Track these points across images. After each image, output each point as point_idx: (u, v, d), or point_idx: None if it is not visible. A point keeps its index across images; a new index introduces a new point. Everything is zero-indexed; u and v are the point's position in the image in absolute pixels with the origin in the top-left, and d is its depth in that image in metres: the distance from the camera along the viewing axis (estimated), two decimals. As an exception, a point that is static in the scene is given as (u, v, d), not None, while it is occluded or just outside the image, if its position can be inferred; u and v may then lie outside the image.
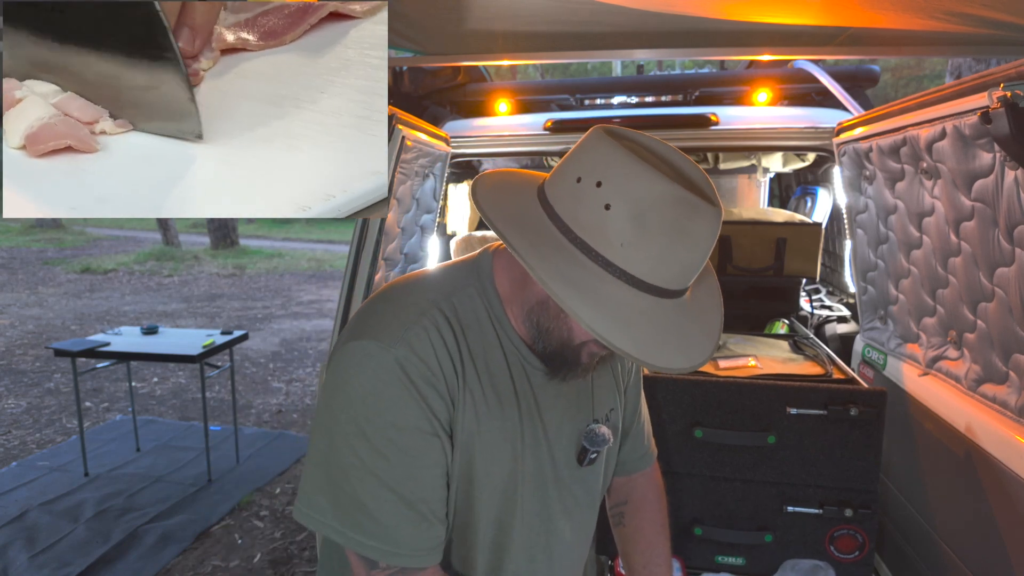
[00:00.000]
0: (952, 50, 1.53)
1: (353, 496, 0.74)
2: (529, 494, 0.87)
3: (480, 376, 0.81)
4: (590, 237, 0.69)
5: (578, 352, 0.80)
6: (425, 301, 0.80)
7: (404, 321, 0.77)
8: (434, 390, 0.75)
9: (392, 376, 0.74)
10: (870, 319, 1.96)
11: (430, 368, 0.75)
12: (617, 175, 0.68)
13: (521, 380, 0.84)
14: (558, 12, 1.41)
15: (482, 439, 0.80)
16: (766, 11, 1.33)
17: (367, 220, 1.65)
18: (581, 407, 0.93)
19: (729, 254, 2.23)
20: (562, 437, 0.90)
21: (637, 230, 0.67)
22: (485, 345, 0.82)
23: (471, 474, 0.81)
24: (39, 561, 2.71)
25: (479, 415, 0.80)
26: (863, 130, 1.60)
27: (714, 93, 2.47)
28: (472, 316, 0.82)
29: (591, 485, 0.97)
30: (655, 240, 0.68)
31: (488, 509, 0.84)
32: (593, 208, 0.69)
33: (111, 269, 11.05)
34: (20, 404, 4.72)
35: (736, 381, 1.48)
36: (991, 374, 1.33)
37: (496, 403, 0.82)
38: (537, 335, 0.81)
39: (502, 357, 0.83)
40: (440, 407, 0.76)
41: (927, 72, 13.87)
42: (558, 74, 14.97)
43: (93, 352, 3.35)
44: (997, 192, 1.14)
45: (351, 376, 0.75)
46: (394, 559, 0.76)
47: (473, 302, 0.83)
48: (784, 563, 1.46)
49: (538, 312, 0.80)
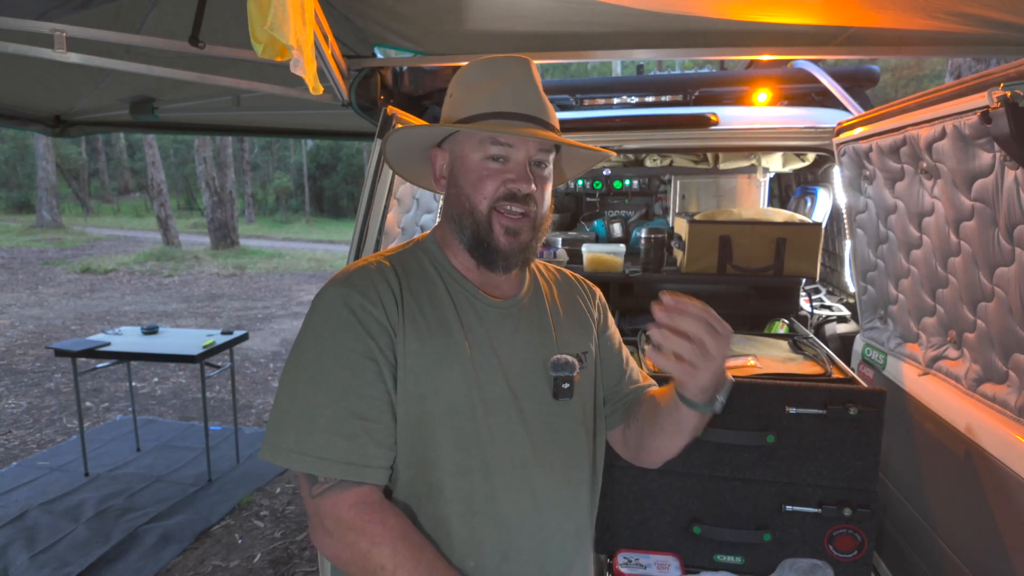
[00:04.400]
0: (952, 50, 1.53)
1: (297, 418, 0.84)
2: (496, 423, 0.92)
3: (422, 308, 0.92)
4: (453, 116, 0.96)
5: (489, 220, 0.93)
6: (374, 257, 0.97)
7: (352, 271, 0.92)
8: (374, 320, 0.87)
9: (334, 308, 0.87)
10: (870, 319, 1.96)
11: (369, 299, 0.88)
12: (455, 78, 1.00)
13: (468, 314, 0.95)
14: (558, 12, 1.41)
15: (428, 358, 0.89)
16: (766, 11, 1.34)
17: (367, 220, 1.66)
18: (544, 343, 1.01)
19: (729, 254, 2.23)
20: (525, 370, 0.97)
21: (468, 91, 0.95)
22: (429, 286, 0.95)
23: (421, 391, 0.89)
24: (39, 561, 2.72)
25: (422, 337, 0.90)
26: (863, 130, 1.60)
27: (714, 93, 2.46)
28: (415, 266, 0.97)
29: (573, 423, 1.01)
30: (481, 86, 0.94)
31: (447, 431, 0.90)
32: (447, 106, 0.98)
33: (111, 269, 11.05)
34: (20, 404, 4.72)
35: (736, 380, 1.48)
36: (991, 374, 1.33)
37: (440, 328, 0.92)
38: (458, 230, 0.95)
39: (445, 293, 0.96)
40: (379, 332, 0.87)
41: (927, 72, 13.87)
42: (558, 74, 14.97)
43: (93, 352, 3.35)
44: (997, 192, 1.14)
45: (307, 317, 0.90)
46: (329, 470, 0.83)
47: (416, 256, 0.99)
48: (783, 562, 1.46)
49: (447, 207, 0.98)
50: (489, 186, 0.92)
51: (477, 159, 0.92)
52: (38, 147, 17.85)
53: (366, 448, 0.84)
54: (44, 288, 9.45)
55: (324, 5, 1.44)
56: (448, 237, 0.99)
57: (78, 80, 2.19)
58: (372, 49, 1.77)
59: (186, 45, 1.34)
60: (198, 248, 13.29)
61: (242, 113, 2.67)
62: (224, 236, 13.74)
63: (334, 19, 1.53)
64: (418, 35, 1.66)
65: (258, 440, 4.02)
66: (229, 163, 14.99)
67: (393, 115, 1.55)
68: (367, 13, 1.55)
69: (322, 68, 1.47)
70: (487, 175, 0.92)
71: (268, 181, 27.07)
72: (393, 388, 0.88)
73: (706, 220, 2.24)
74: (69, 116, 2.73)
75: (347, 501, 0.83)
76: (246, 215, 21.71)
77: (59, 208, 19.10)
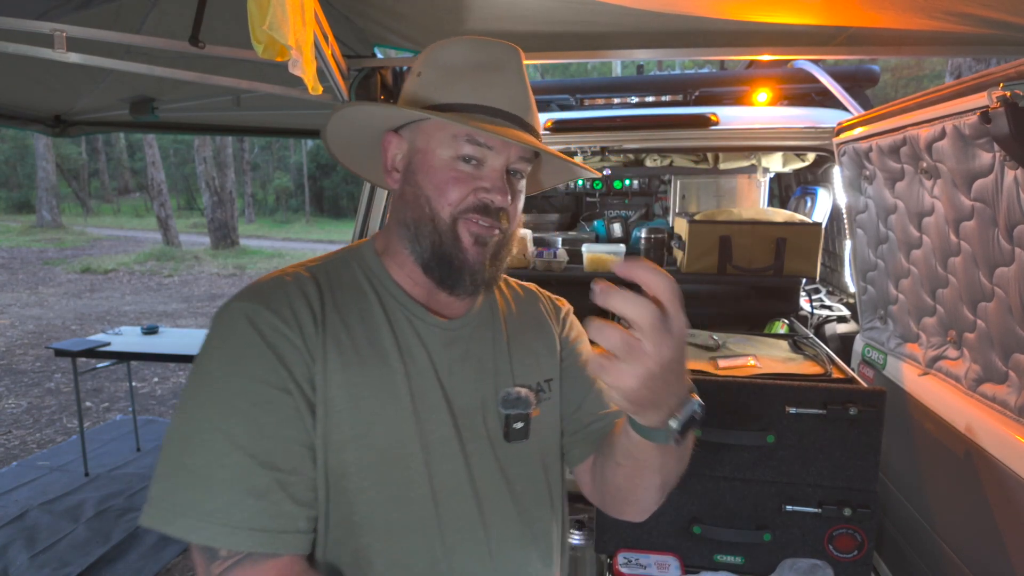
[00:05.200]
0: (952, 50, 1.53)
1: (191, 470, 0.64)
2: (440, 472, 0.77)
3: (350, 329, 0.76)
4: (420, 99, 0.80)
5: (454, 233, 0.77)
6: (292, 268, 0.80)
7: (263, 283, 0.76)
8: (287, 341, 0.70)
9: (237, 328, 0.69)
10: (870, 319, 1.96)
11: (281, 318, 0.71)
12: (425, 54, 0.82)
13: (408, 336, 0.79)
14: (558, 12, 1.41)
15: (356, 392, 0.73)
16: (766, 11, 1.34)
17: (367, 220, 1.66)
18: (498, 371, 0.84)
19: (729, 254, 2.22)
20: (473, 406, 0.81)
21: (446, 76, 0.79)
22: (360, 302, 0.79)
23: (345, 434, 0.72)
24: (39, 561, 2.72)
25: (348, 365, 0.73)
26: (863, 130, 1.60)
27: (714, 93, 2.46)
28: (344, 277, 0.80)
29: (530, 470, 0.85)
30: (466, 75, 0.78)
31: (379, 484, 0.73)
32: (410, 84, 0.81)
33: (111, 269, 11.05)
34: (20, 404, 4.72)
35: (736, 380, 1.48)
36: (991, 374, 1.33)
37: (372, 354, 0.76)
38: (412, 240, 0.79)
39: (381, 313, 0.79)
40: (294, 359, 0.70)
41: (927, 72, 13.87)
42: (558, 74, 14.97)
43: (93, 352, 3.36)
44: (997, 192, 1.14)
45: (206, 340, 0.71)
46: (233, 539, 0.63)
47: (346, 266, 0.83)
48: (783, 562, 1.46)
49: (400, 210, 0.81)
50: (456, 192, 0.76)
51: (446, 157, 0.76)
52: (38, 147, 17.85)
53: (282, 507, 0.66)
54: (44, 288, 9.45)
55: (324, 5, 1.44)
56: (394, 245, 0.82)
57: (78, 80, 2.19)
58: (372, 49, 1.77)
59: (186, 45, 1.34)
60: (198, 248, 13.29)
61: (242, 113, 2.67)
62: (224, 236, 13.74)
63: (334, 19, 1.53)
64: (418, 35, 1.66)
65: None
66: (229, 163, 15.00)
67: (393, 115, 1.55)
68: (367, 13, 1.55)
69: (322, 68, 1.47)
70: (456, 178, 0.76)
71: (268, 181, 27.08)
72: (312, 428, 0.70)
73: (706, 220, 2.24)
74: (69, 116, 2.73)
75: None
76: (246, 215, 21.72)
77: (59, 208, 19.10)
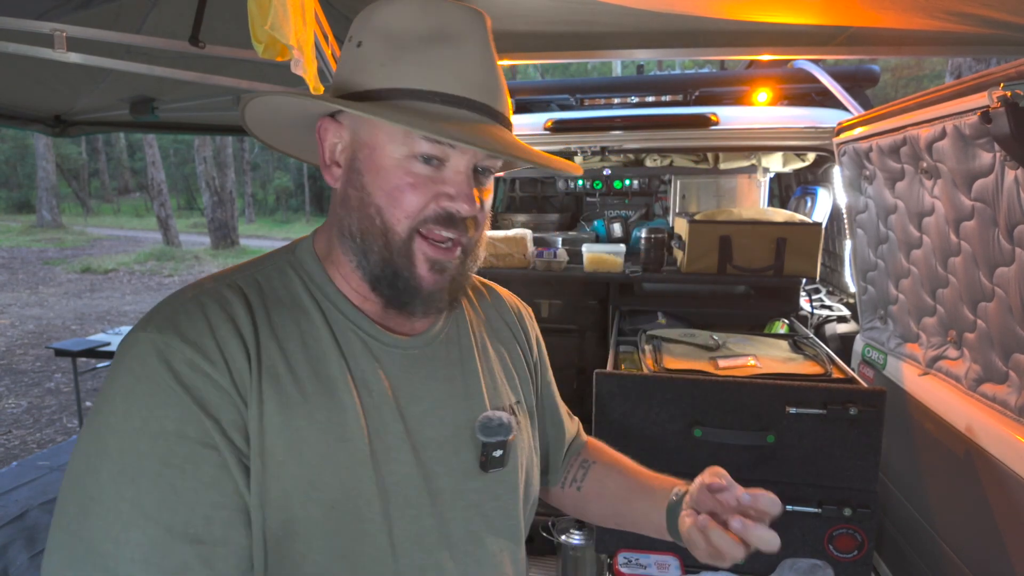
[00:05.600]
0: (952, 50, 1.53)
1: (90, 545, 0.52)
2: (400, 518, 0.64)
3: (289, 358, 0.62)
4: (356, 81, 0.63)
5: (408, 248, 0.64)
6: (211, 281, 0.64)
7: (176, 304, 0.60)
8: (208, 380, 0.56)
9: (148, 367, 0.55)
10: (870, 319, 1.96)
11: (203, 352, 0.57)
12: (364, 18, 0.65)
13: (361, 359, 0.66)
14: (558, 12, 1.41)
15: (299, 436, 0.60)
16: (766, 11, 1.33)
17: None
18: (470, 394, 0.73)
19: (729, 254, 2.23)
20: (442, 435, 0.69)
21: (393, 47, 0.62)
22: (303, 323, 0.64)
23: (288, 487, 0.59)
24: (39, 561, 2.71)
25: (289, 404, 0.60)
26: (863, 130, 1.60)
27: (714, 93, 2.47)
28: (282, 291, 0.66)
29: (506, 501, 0.73)
30: (420, 50, 0.62)
31: (327, 540, 0.60)
32: (350, 55, 0.65)
33: (111, 269, 11.05)
34: (21, 404, 4.72)
35: (736, 380, 1.48)
36: (991, 374, 1.33)
37: (318, 387, 0.62)
38: (356, 248, 0.65)
39: (328, 335, 0.65)
40: (220, 402, 0.57)
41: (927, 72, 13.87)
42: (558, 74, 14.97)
43: (93, 352, 3.36)
44: (997, 192, 1.14)
45: (106, 380, 0.57)
46: None
47: (284, 275, 0.67)
48: (783, 562, 1.46)
49: (343, 217, 0.66)
50: (414, 201, 0.62)
51: (398, 156, 0.62)
52: (38, 147, 17.86)
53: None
54: (44, 288, 9.45)
55: (324, 5, 1.44)
56: (337, 253, 0.68)
57: (78, 80, 2.19)
58: (372, 49, 1.76)
59: (186, 45, 1.34)
60: (198, 248, 13.29)
61: (242, 113, 2.66)
62: (224, 236, 13.75)
63: (334, 19, 1.53)
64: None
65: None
66: (229, 163, 15.00)
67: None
68: (367, 13, 1.55)
69: (322, 68, 1.47)
70: (413, 184, 0.62)
71: (268, 181, 27.08)
72: (246, 487, 0.57)
73: (706, 220, 2.25)
74: (69, 116, 2.73)
75: None
76: (246, 215, 21.72)
77: (59, 208, 19.10)
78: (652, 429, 1.49)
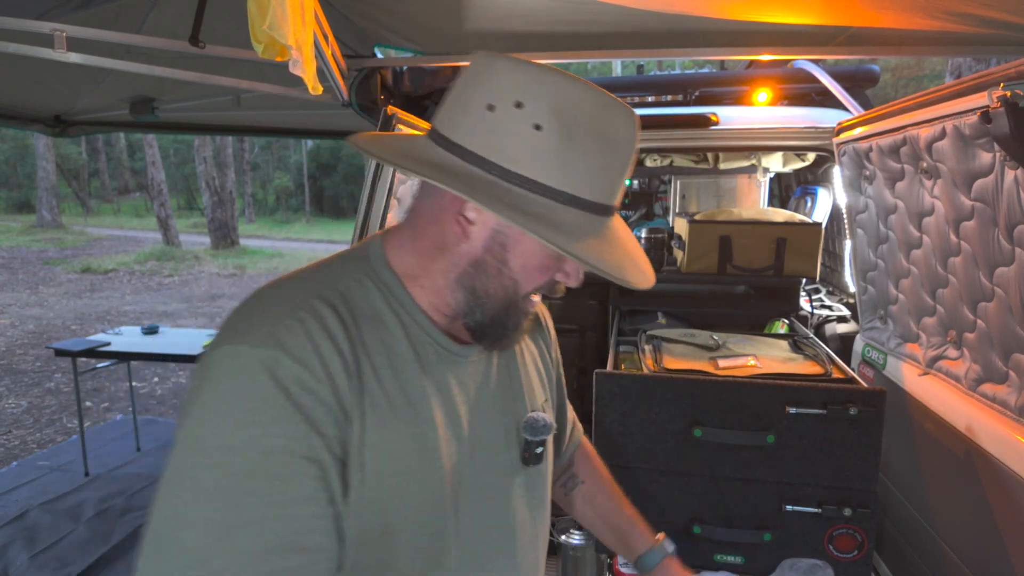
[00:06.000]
0: (952, 50, 1.53)
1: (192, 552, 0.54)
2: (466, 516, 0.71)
3: (380, 375, 0.64)
4: (526, 168, 0.62)
5: (522, 309, 0.71)
6: (303, 292, 0.64)
7: (275, 316, 0.61)
8: (316, 399, 0.58)
9: (256, 384, 0.56)
10: (870, 319, 1.96)
11: (310, 370, 0.58)
12: (537, 91, 0.62)
13: (436, 372, 0.70)
14: (558, 12, 1.41)
15: (390, 449, 0.63)
16: (766, 11, 1.34)
17: (367, 221, 1.66)
18: (515, 397, 0.80)
19: (729, 254, 2.23)
20: (493, 436, 0.76)
21: (571, 144, 0.62)
22: (386, 337, 0.67)
23: (383, 496, 0.63)
24: (39, 561, 2.72)
25: (383, 420, 0.63)
26: (863, 130, 1.60)
27: (714, 93, 2.47)
28: (366, 305, 0.67)
29: (540, 491, 0.83)
30: (589, 151, 0.63)
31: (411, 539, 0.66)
32: (520, 132, 0.62)
33: (111, 269, 11.05)
34: (21, 404, 4.72)
35: (736, 380, 1.48)
36: (991, 374, 1.33)
37: (406, 406, 0.66)
38: (474, 303, 0.69)
39: (409, 348, 0.68)
40: (326, 421, 0.59)
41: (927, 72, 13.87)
42: (558, 74, 14.90)
43: (94, 352, 3.36)
44: (997, 192, 1.14)
45: (205, 392, 0.57)
46: None
47: (365, 289, 0.68)
48: (783, 562, 1.46)
49: (473, 276, 0.68)
50: (543, 278, 0.69)
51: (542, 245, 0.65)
52: (38, 147, 17.85)
53: None
54: (44, 288, 9.45)
55: (324, 5, 1.44)
56: (437, 288, 0.70)
57: (78, 80, 2.20)
58: (372, 49, 1.77)
59: (186, 45, 1.34)
60: (198, 248, 13.30)
61: (242, 113, 2.67)
62: (224, 236, 13.75)
63: (334, 19, 1.53)
64: (418, 35, 1.66)
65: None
66: (229, 163, 15.01)
67: (393, 115, 1.55)
68: (367, 13, 1.55)
69: (322, 68, 1.47)
70: (546, 267, 0.68)
71: (268, 181, 27.08)
72: (341, 497, 0.60)
73: (706, 220, 2.25)
74: (69, 116, 2.74)
75: None
76: (246, 215, 21.72)
77: (59, 208, 19.10)
78: (652, 429, 1.49)
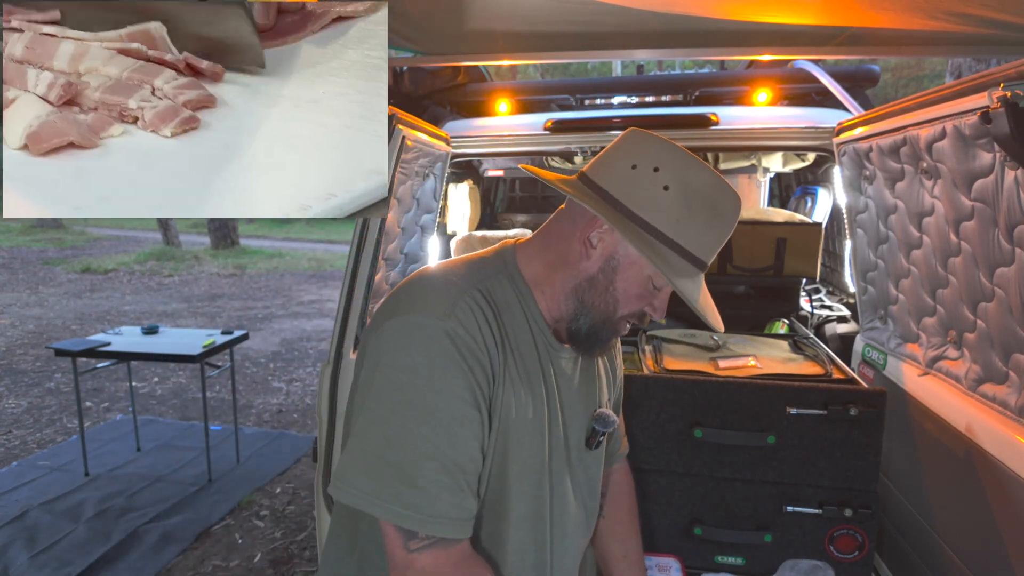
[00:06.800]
0: (952, 50, 1.53)
1: (395, 466, 0.76)
2: (553, 476, 0.92)
3: (515, 357, 0.85)
4: (651, 216, 0.82)
5: (615, 326, 0.89)
6: (464, 282, 0.84)
7: (450, 297, 0.81)
8: (479, 364, 0.79)
9: (442, 346, 0.77)
10: (870, 319, 1.96)
11: (476, 342, 0.79)
12: (672, 162, 0.83)
13: (547, 364, 0.90)
14: (558, 12, 1.41)
15: (516, 422, 0.84)
16: (766, 11, 1.33)
17: (367, 220, 1.65)
18: (591, 392, 0.99)
19: (729, 254, 2.23)
20: (575, 420, 0.95)
21: (688, 208, 0.82)
22: (516, 328, 0.87)
23: (506, 454, 0.84)
24: (39, 561, 2.72)
25: (515, 395, 0.84)
26: (863, 130, 1.60)
27: (714, 93, 2.47)
28: (504, 300, 0.87)
29: (594, 472, 1.02)
30: (700, 218, 0.83)
31: (520, 491, 0.87)
32: (652, 189, 0.83)
33: (111, 269, 11.04)
34: (21, 404, 4.72)
35: (736, 381, 1.48)
36: (991, 374, 1.33)
37: (527, 385, 0.86)
38: (580, 311, 0.88)
39: (531, 340, 0.88)
40: (484, 381, 0.79)
41: (927, 72, 13.86)
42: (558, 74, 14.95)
43: (93, 352, 3.35)
44: (997, 192, 1.14)
45: (399, 349, 0.78)
46: (433, 528, 0.77)
47: (504, 287, 0.88)
48: (784, 563, 1.46)
49: (585, 289, 0.87)
50: (637, 306, 0.88)
51: (645, 275, 0.86)
52: (38, 147, 17.82)
53: (465, 502, 0.79)
54: (44, 288, 9.45)
55: None
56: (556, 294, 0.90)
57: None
58: (372, 49, 1.76)
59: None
60: (198, 248, 13.29)
61: (242, 113, 2.66)
62: (224, 236, 13.74)
63: None
64: (418, 35, 1.66)
65: (259, 440, 4.02)
66: (229, 163, 14.94)
67: (394, 115, 1.55)
68: (367, 13, 1.55)
69: None
70: (644, 295, 0.88)
71: (268, 181, 27.05)
72: (488, 438, 0.82)
73: (706, 220, 2.24)
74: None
75: (451, 559, 0.78)
76: (246, 215, 21.68)
77: (59, 208, 19.07)
78: (652, 430, 1.49)
